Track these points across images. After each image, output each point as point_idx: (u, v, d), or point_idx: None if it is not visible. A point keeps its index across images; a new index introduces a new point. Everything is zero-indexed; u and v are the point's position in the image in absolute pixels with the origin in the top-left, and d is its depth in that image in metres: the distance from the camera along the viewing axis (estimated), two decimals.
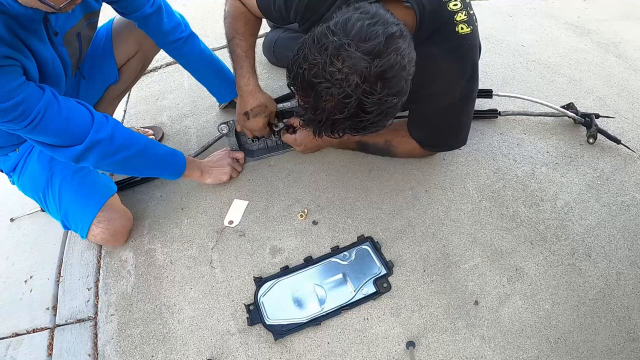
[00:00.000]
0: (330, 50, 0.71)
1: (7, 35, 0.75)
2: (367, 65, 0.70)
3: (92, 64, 1.17)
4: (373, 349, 0.92)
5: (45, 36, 0.84)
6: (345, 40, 0.70)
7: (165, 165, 1.11)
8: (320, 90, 0.73)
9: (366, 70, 0.70)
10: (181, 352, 0.95)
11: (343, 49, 0.70)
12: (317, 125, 0.81)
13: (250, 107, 1.15)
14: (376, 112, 0.75)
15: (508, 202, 1.17)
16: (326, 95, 0.73)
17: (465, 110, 1.06)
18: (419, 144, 1.17)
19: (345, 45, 0.70)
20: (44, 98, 0.83)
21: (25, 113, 0.80)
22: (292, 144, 1.28)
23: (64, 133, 0.89)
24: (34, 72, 0.83)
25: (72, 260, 1.18)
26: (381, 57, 0.71)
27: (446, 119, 1.08)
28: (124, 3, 1.04)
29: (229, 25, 1.13)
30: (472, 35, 0.94)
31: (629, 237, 1.08)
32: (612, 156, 1.27)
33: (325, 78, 0.72)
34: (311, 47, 0.73)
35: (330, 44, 0.71)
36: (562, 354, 0.90)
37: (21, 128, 0.83)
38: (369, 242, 1.08)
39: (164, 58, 1.79)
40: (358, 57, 0.70)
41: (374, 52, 0.70)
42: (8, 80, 0.76)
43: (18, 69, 0.79)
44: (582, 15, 1.96)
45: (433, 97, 1.02)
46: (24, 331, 1.05)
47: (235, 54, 1.12)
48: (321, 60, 0.71)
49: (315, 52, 0.72)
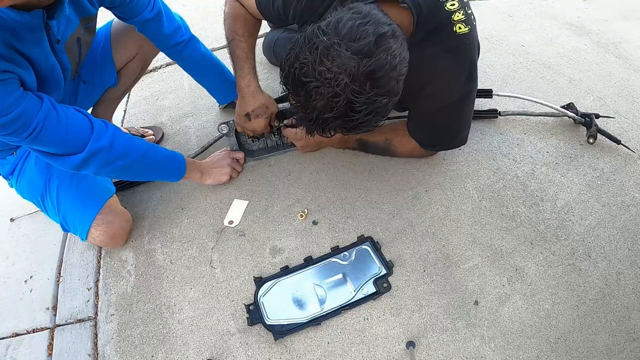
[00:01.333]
0: (320, 49, 0.71)
1: (3, 50, 0.74)
2: (356, 65, 0.70)
3: (91, 68, 1.17)
4: (373, 349, 0.92)
5: (47, 45, 0.84)
6: (335, 40, 0.71)
7: (166, 169, 1.11)
8: (310, 90, 0.74)
9: (355, 69, 0.70)
10: (181, 352, 0.95)
11: (333, 49, 0.71)
12: (309, 124, 0.81)
13: (251, 108, 1.15)
14: (365, 112, 0.75)
15: (508, 202, 1.17)
16: (316, 95, 0.74)
17: (465, 109, 1.06)
18: (419, 144, 1.17)
19: (335, 44, 0.71)
20: (43, 109, 0.82)
21: (24, 125, 0.79)
22: (292, 139, 1.27)
23: (63, 142, 0.88)
24: (32, 81, 0.82)
25: (72, 260, 1.18)
26: (370, 57, 0.71)
27: (445, 119, 1.08)
28: (124, 8, 1.03)
29: (228, 26, 1.13)
30: (470, 35, 0.94)
31: (629, 237, 1.08)
32: (612, 156, 1.27)
33: (314, 77, 0.72)
34: (302, 46, 0.74)
35: (321, 43, 0.71)
36: (562, 354, 0.90)
37: (21, 140, 0.82)
38: (369, 242, 1.08)
39: (164, 58, 1.79)
40: (347, 57, 0.70)
41: (363, 51, 0.71)
42: (6, 94, 0.75)
43: (15, 81, 0.77)
44: (582, 15, 1.96)
45: (432, 97, 1.02)
46: (24, 331, 1.05)
47: (236, 55, 1.13)
48: (311, 60, 0.72)
49: (306, 51, 0.73)
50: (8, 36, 0.74)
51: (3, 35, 0.73)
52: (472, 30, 0.94)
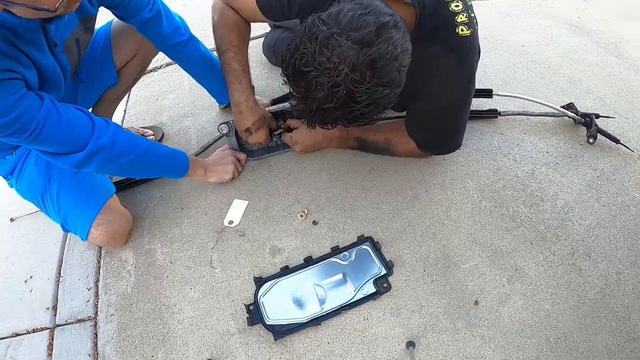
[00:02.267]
0: (320, 39, 0.71)
1: (5, 47, 0.74)
2: (356, 54, 0.70)
3: (91, 68, 1.17)
4: (373, 349, 0.92)
5: (45, 46, 0.84)
6: (335, 30, 0.70)
7: (168, 166, 1.11)
8: (310, 80, 0.73)
9: (355, 59, 0.70)
10: (181, 352, 0.95)
11: (333, 38, 0.70)
12: (309, 115, 0.81)
13: (251, 122, 1.17)
14: (365, 102, 0.74)
15: (508, 202, 1.17)
16: (316, 85, 0.73)
17: (464, 112, 1.07)
18: (416, 145, 1.17)
19: (335, 34, 0.70)
20: (43, 108, 0.82)
21: (25, 125, 0.79)
22: (290, 143, 1.28)
23: (64, 141, 0.88)
24: (34, 81, 0.82)
25: (72, 260, 1.18)
26: (371, 46, 0.70)
27: (445, 119, 1.08)
28: (123, 8, 1.03)
29: (221, 36, 1.10)
30: (472, 38, 0.94)
31: (629, 237, 1.08)
32: (612, 156, 1.27)
33: (314, 67, 0.72)
34: (302, 36, 0.74)
35: (321, 33, 0.71)
36: (562, 354, 0.90)
37: (22, 140, 0.82)
38: (369, 242, 1.08)
39: (164, 58, 1.79)
40: (347, 46, 0.70)
41: (363, 41, 0.70)
42: (7, 94, 0.75)
43: (19, 81, 0.77)
44: (582, 15, 1.96)
45: (432, 97, 1.02)
46: (24, 331, 1.05)
47: (232, 68, 1.11)
48: (311, 49, 0.71)
49: (306, 42, 0.72)
50: (10, 34, 0.74)
51: (5, 34, 0.74)
52: (474, 34, 0.94)
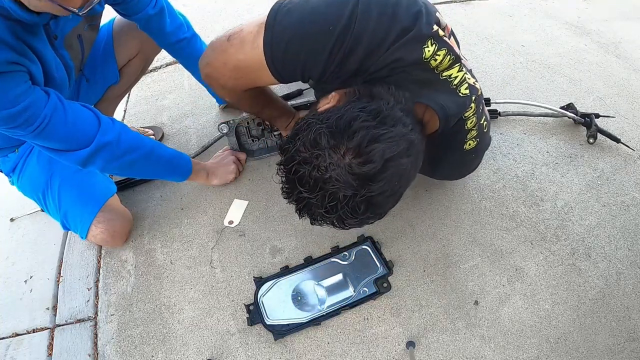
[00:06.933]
0: (321, 162, 0.65)
1: (11, 40, 0.74)
2: (355, 190, 0.65)
3: (93, 65, 1.17)
4: (373, 349, 0.92)
5: (46, 40, 0.84)
6: (341, 152, 0.65)
7: (172, 168, 1.11)
8: (301, 197, 0.69)
9: (352, 193, 0.65)
10: (181, 352, 0.95)
11: (336, 165, 0.64)
12: (295, 204, 0.74)
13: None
14: (352, 224, 0.71)
15: (508, 202, 1.17)
16: (306, 200, 0.69)
17: (477, 162, 1.08)
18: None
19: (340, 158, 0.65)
20: (50, 103, 0.82)
21: (31, 118, 0.79)
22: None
23: (70, 137, 0.88)
24: (40, 75, 0.82)
25: (72, 260, 1.17)
26: (373, 182, 0.65)
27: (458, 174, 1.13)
28: (126, 5, 1.03)
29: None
30: (478, 147, 0.96)
31: (629, 237, 1.08)
32: (612, 156, 1.27)
33: (309, 186, 0.67)
34: (305, 142, 0.67)
35: (325, 152, 0.65)
36: (562, 354, 0.90)
37: (27, 133, 0.82)
38: (369, 242, 1.08)
39: (164, 58, 1.79)
40: (347, 182, 0.64)
41: (367, 175, 0.65)
42: (14, 85, 0.75)
43: (24, 74, 0.78)
44: (582, 15, 1.96)
45: (441, 173, 1.10)
46: (24, 331, 1.05)
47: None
48: (309, 168, 0.66)
49: (307, 153, 0.67)
50: (16, 28, 0.74)
51: (12, 26, 0.74)
52: (480, 142, 0.95)
